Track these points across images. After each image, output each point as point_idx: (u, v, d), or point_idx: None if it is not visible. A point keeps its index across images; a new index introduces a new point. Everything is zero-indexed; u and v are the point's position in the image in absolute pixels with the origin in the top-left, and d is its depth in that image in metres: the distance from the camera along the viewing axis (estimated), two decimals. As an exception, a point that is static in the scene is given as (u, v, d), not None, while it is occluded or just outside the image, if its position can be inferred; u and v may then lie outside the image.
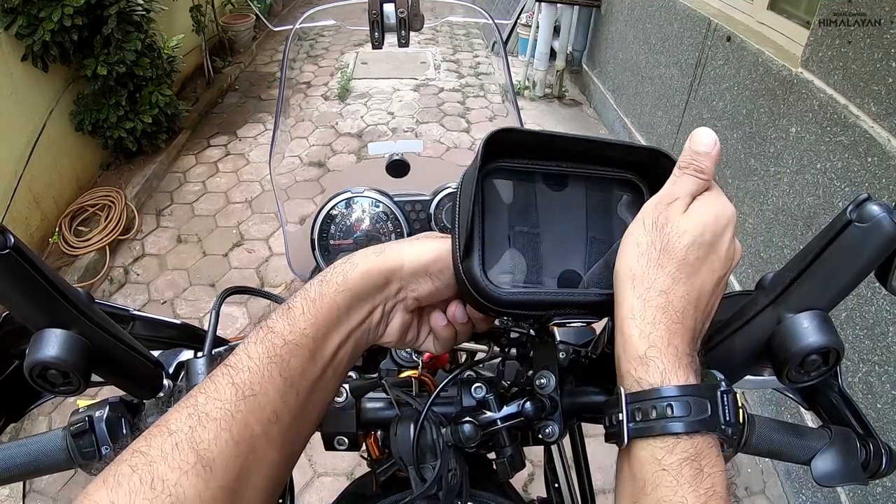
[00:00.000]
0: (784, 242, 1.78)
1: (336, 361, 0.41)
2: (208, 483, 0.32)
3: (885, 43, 1.39)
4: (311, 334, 0.39)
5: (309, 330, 0.39)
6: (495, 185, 0.44)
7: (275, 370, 0.37)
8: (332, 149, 3.45)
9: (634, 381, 0.36)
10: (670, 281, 0.37)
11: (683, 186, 0.39)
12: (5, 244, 0.37)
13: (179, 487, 0.31)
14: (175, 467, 0.32)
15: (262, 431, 0.36)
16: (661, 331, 0.36)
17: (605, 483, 1.64)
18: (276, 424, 0.37)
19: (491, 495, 0.55)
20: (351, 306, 0.41)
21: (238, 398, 0.35)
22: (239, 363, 0.37)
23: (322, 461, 1.80)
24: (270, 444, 0.36)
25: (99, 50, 2.67)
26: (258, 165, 3.31)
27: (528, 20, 4.18)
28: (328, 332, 0.40)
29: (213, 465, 0.33)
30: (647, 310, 0.36)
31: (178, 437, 0.33)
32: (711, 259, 0.38)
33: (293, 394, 0.38)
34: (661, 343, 0.36)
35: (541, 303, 0.41)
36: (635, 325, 0.36)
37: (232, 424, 0.34)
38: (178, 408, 0.35)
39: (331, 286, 0.41)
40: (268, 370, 0.37)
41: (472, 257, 0.41)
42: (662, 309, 0.36)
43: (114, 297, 2.44)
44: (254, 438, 0.35)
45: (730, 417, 0.35)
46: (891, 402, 1.34)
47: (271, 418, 0.36)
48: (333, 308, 0.40)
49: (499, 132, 0.41)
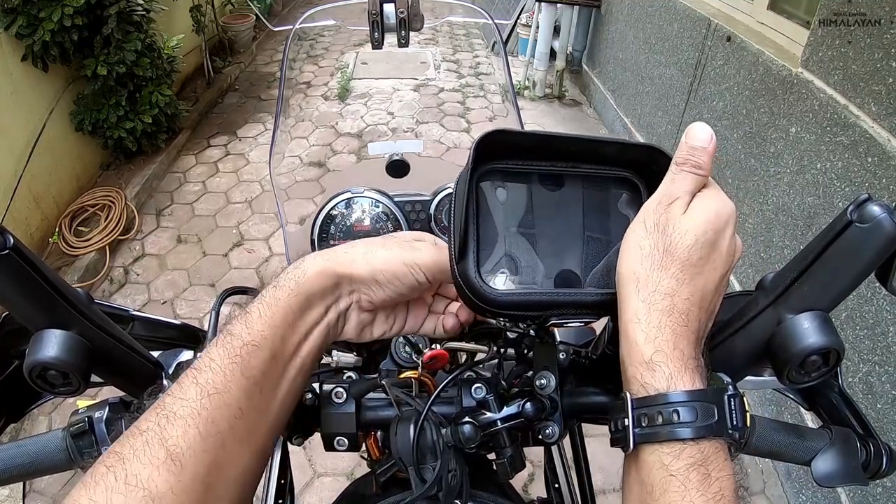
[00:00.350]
0: (784, 242, 1.78)
1: (298, 360, 0.43)
2: (179, 477, 0.33)
3: (885, 43, 1.39)
4: (268, 335, 0.40)
5: (267, 332, 0.40)
6: (490, 186, 0.44)
7: (236, 370, 0.38)
8: (332, 149, 3.45)
9: (640, 385, 0.36)
10: (674, 283, 0.37)
11: (682, 184, 0.39)
12: (5, 245, 0.37)
13: (151, 482, 0.33)
14: (146, 463, 0.33)
15: (228, 427, 0.37)
16: (667, 334, 0.36)
17: (605, 483, 1.64)
18: (242, 420, 0.38)
19: (491, 496, 0.55)
20: (304, 308, 0.43)
21: (202, 396, 0.36)
22: (202, 365, 0.38)
23: (322, 461, 1.80)
24: (238, 439, 0.37)
25: (99, 50, 2.67)
26: (258, 165, 3.31)
27: (528, 20, 4.18)
28: (285, 332, 0.41)
29: (183, 460, 0.34)
30: (652, 313, 0.36)
31: (147, 435, 0.34)
32: (713, 258, 0.38)
33: (257, 391, 0.39)
34: (667, 347, 0.35)
35: (537, 303, 0.41)
36: (640, 329, 0.36)
37: (199, 421, 0.35)
38: (148, 411, 0.36)
39: (284, 290, 0.42)
40: (230, 370, 0.38)
41: (468, 259, 0.41)
42: (667, 312, 0.36)
43: (114, 297, 2.44)
44: (221, 434, 0.36)
45: (737, 422, 0.35)
46: (891, 402, 1.34)
47: (237, 415, 0.37)
48: (288, 310, 0.41)
49: (490, 134, 0.40)
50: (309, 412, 0.54)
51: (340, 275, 0.44)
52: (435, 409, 0.51)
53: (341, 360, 0.60)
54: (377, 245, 0.46)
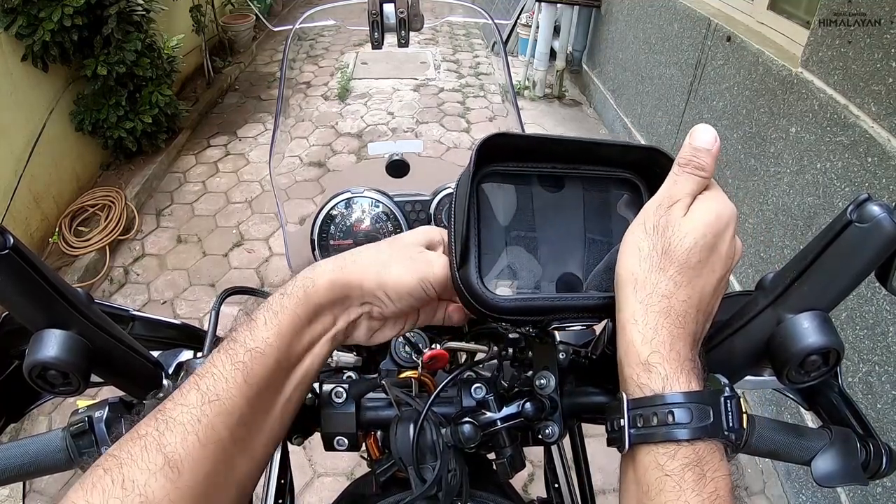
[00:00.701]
0: (784, 242, 1.78)
1: (303, 367, 0.42)
2: (176, 484, 0.33)
3: (885, 43, 1.39)
4: (274, 343, 0.40)
5: (272, 339, 0.40)
6: (491, 189, 0.44)
7: (239, 376, 0.38)
8: (332, 149, 3.45)
9: (636, 386, 0.36)
10: (672, 285, 0.37)
11: (684, 186, 0.39)
12: (5, 245, 0.37)
13: (148, 488, 0.33)
14: (144, 469, 0.33)
15: (229, 435, 0.36)
16: (664, 336, 0.36)
17: (605, 483, 1.64)
18: (244, 427, 0.38)
19: (491, 496, 0.55)
20: (312, 318, 0.42)
21: (202, 402, 0.36)
22: (204, 371, 0.38)
23: (322, 461, 1.80)
24: (238, 446, 0.37)
25: (99, 50, 2.67)
26: (258, 165, 3.31)
27: (528, 20, 4.18)
28: (291, 340, 0.41)
29: (181, 467, 0.34)
30: (650, 314, 0.36)
31: (146, 440, 0.34)
32: (713, 260, 0.38)
33: (259, 398, 0.39)
34: (664, 348, 0.35)
35: (539, 308, 0.41)
36: (637, 330, 0.36)
37: (198, 428, 0.35)
38: (148, 416, 0.36)
39: (292, 299, 0.41)
40: (231, 376, 0.38)
41: (469, 265, 0.40)
42: (665, 314, 0.36)
43: (114, 297, 2.44)
44: (221, 441, 0.36)
45: (733, 423, 0.35)
46: (891, 402, 1.34)
47: (237, 422, 0.37)
48: (295, 319, 0.41)
49: (492, 137, 0.40)
50: (309, 412, 0.54)
51: (352, 287, 0.43)
52: (435, 409, 0.51)
53: (341, 360, 0.60)
54: (388, 256, 0.45)
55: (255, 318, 0.41)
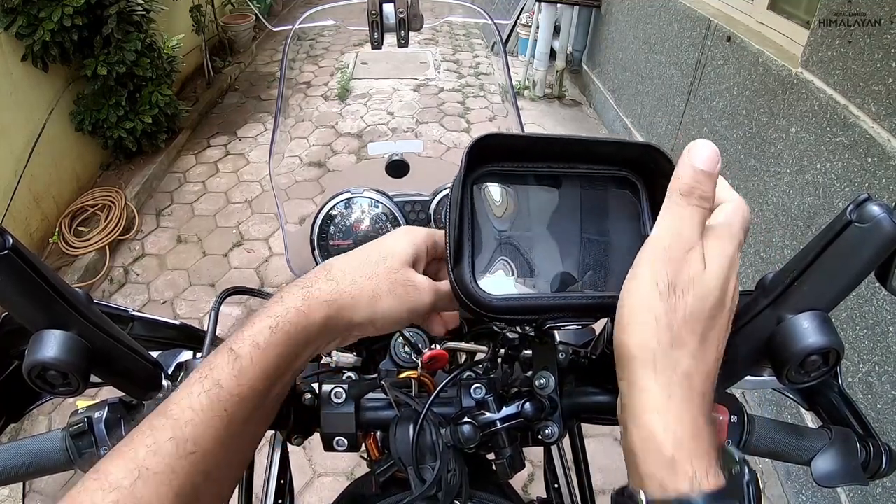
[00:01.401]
0: (784, 242, 1.78)
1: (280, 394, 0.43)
2: None
3: (885, 43, 1.39)
4: (259, 387, 0.39)
5: (258, 383, 0.38)
6: (486, 190, 0.43)
7: (219, 424, 0.36)
8: (332, 149, 3.45)
9: (658, 485, 0.31)
10: (692, 361, 0.32)
11: (692, 224, 0.34)
12: (4, 245, 0.37)
13: None
14: None
15: (203, 480, 0.36)
16: (688, 425, 0.31)
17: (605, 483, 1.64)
18: (217, 469, 0.37)
19: (490, 496, 0.55)
20: (298, 354, 0.41)
21: (179, 455, 0.34)
22: (182, 416, 0.36)
23: (322, 461, 1.80)
24: (212, 485, 0.37)
25: (99, 50, 2.67)
26: (258, 165, 3.31)
27: (528, 20, 4.18)
28: (276, 379, 0.40)
29: None
30: (672, 402, 0.32)
31: (118, 493, 0.32)
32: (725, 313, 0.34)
33: (234, 441, 0.38)
34: (688, 438, 0.31)
35: (534, 307, 0.41)
36: (659, 420, 0.32)
37: (173, 479, 0.34)
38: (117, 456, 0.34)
39: (280, 335, 0.40)
40: (211, 424, 0.36)
41: (463, 265, 0.40)
42: (688, 399, 0.32)
43: (114, 297, 2.44)
44: (196, 489, 0.35)
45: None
46: (891, 402, 1.34)
47: (214, 467, 0.36)
48: (282, 357, 0.40)
49: (483, 139, 0.40)
50: (308, 412, 0.54)
51: (344, 321, 0.43)
52: (434, 410, 0.51)
53: (341, 361, 0.60)
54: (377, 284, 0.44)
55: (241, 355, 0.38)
